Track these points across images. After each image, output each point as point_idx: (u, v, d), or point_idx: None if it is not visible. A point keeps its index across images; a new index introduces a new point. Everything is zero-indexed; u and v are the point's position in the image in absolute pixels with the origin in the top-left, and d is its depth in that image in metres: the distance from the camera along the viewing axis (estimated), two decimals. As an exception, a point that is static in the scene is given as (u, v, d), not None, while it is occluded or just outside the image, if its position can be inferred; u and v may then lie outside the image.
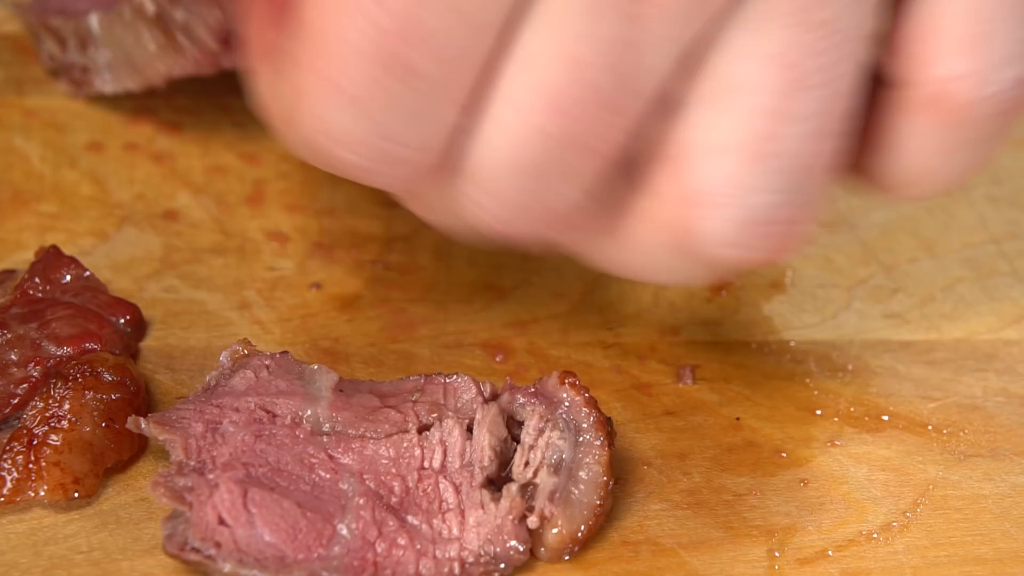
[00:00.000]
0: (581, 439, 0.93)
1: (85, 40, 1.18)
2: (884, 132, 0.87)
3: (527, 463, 0.93)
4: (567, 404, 0.94)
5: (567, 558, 0.92)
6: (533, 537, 0.91)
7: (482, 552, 0.90)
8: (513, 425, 0.95)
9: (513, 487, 0.92)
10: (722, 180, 0.81)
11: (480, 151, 0.82)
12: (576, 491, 0.91)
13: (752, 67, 0.80)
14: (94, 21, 1.17)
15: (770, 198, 0.82)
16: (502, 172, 0.82)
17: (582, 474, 0.92)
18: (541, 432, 0.94)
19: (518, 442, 0.95)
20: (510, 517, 0.90)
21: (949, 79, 0.83)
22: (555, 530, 0.91)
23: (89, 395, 0.94)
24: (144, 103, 1.23)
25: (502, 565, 0.90)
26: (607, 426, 0.94)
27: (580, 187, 0.83)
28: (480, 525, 0.91)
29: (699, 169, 0.81)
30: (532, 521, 0.90)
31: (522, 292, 1.09)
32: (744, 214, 0.82)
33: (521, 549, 0.90)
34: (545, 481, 0.92)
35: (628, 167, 0.84)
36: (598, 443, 0.92)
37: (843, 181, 0.90)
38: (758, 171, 0.81)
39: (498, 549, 0.90)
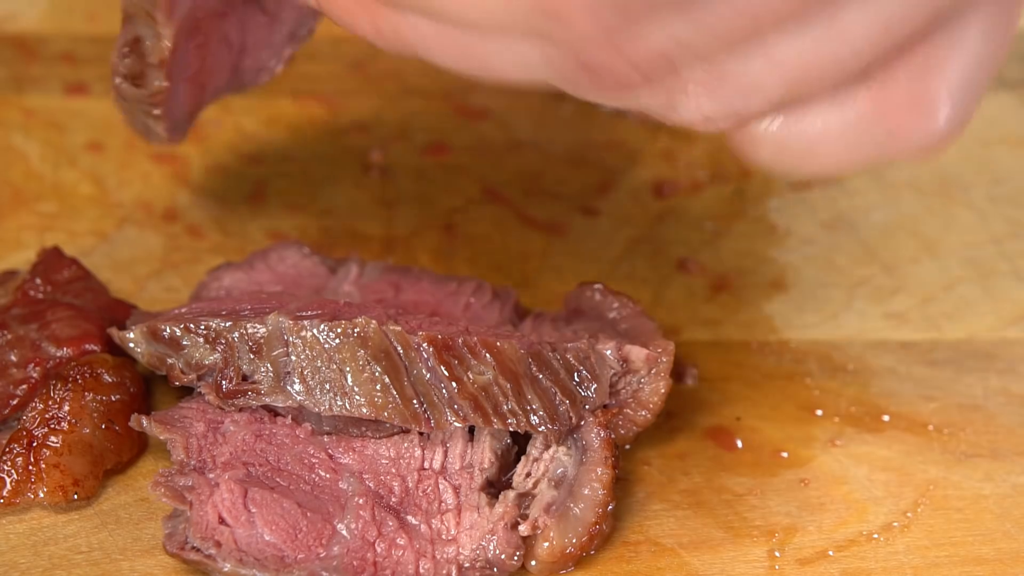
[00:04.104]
0: (586, 457, 0.93)
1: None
2: None
3: (528, 474, 0.93)
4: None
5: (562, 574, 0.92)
6: (525, 547, 0.91)
7: (475, 555, 0.90)
8: (519, 437, 0.96)
9: (511, 494, 0.92)
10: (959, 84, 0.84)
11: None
12: (575, 507, 0.91)
13: None
14: None
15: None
16: None
17: (584, 491, 0.92)
18: (548, 446, 0.94)
19: (523, 452, 0.95)
20: (502, 523, 0.90)
21: None
22: (546, 544, 0.90)
23: (89, 396, 0.94)
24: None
25: (495, 570, 0.90)
26: (614, 447, 0.93)
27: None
28: (473, 528, 0.91)
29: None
30: (523, 529, 0.90)
31: (521, 292, 1.09)
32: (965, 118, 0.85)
33: (513, 556, 0.90)
34: (544, 493, 0.92)
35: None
36: (603, 463, 0.92)
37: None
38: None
39: (489, 553, 0.90)
